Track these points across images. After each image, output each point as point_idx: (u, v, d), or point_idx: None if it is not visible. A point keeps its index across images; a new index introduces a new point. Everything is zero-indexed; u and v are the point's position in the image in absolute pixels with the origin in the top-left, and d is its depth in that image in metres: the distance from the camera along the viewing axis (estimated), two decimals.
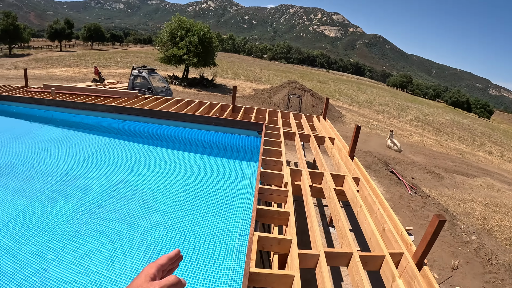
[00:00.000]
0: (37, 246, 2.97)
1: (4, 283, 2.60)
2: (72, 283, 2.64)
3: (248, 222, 3.14)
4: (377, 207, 3.51)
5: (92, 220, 3.34)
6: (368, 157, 11.55)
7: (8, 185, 3.83)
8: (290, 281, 2.52)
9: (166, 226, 3.28)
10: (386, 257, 2.80)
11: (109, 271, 2.76)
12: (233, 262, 2.84)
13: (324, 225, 5.91)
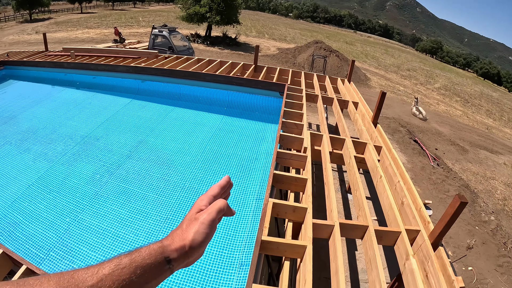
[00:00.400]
0: (57, 208, 3.05)
1: (26, 245, 2.68)
2: (91, 244, 2.71)
3: (264, 186, 3.10)
4: (398, 179, 3.39)
5: (111, 181, 3.38)
6: (391, 123, 11.20)
7: (30, 149, 3.91)
8: (302, 251, 2.50)
9: (184, 187, 3.29)
10: (402, 234, 2.73)
11: (126, 232, 2.81)
12: (249, 226, 2.83)
13: (342, 191, 5.83)
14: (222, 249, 2.66)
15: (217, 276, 2.46)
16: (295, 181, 3.16)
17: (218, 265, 2.54)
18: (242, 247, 2.67)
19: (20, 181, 3.36)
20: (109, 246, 2.69)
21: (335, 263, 2.47)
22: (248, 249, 2.62)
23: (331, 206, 2.95)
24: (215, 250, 2.65)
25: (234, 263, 2.54)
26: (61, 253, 2.60)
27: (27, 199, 3.14)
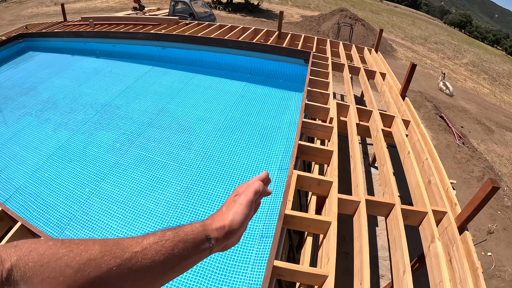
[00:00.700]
0: (78, 177, 3.04)
1: (48, 214, 2.70)
2: (111, 213, 2.70)
3: (288, 156, 2.98)
4: (426, 156, 3.21)
5: (132, 149, 3.34)
6: (417, 97, 10.77)
7: (50, 119, 3.89)
8: (326, 227, 2.40)
9: (205, 156, 3.21)
10: (428, 214, 2.59)
11: (146, 201, 2.78)
12: (270, 197, 2.74)
13: (365, 164, 5.64)
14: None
15: (237, 248, 2.41)
16: (320, 153, 3.02)
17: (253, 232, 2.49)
18: (263, 218, 2.59)
19: (41, 151, 3.37)
20: (129, 215, 2.67)
21: (360, 242, 2.37)
22: (269, 221, 2.55)
23: (357, 180, 2.82)
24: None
25: (255, 234, 2.47)
26: (82, 222, 2.61)
27: (48, 169, 3.14)
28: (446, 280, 2.14)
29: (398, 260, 2.32)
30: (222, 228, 0.64)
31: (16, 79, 5.00)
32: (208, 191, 2.84)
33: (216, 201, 2.75)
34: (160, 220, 2.60)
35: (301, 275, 2.12)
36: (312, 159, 3.13)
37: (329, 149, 2.98)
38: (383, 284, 3.84)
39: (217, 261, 2.33)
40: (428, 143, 3.50)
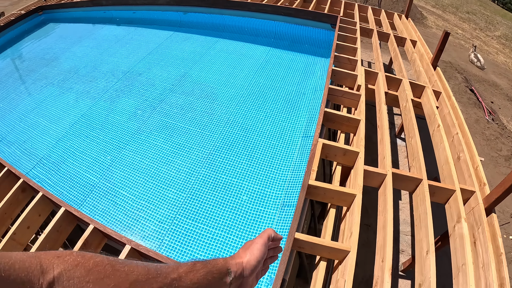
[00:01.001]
0: (100, 145, 3.02)
1: (71, 182, 2.70)
2: (133, 179, 2.66)
3: (313, 124, 2.83)
4: (456, 130, 3.00)
5: (154, 116, 3.28)
6: (447, 68, 10.17)
7: (72, 88, 3.85)
8: (350, 199, 2.27)
9: (228, 122, 3.12)
10: (456, 193, 2.43)
11: (168, 168, 2.72)
12: (293, 165, 2.63)
13: (391, 135, 5.38)
14: (265, 187, 2.51)
15: (259, 214, 2.34)
16: (347, 121, 2.85)
17: (260, 203, 2.41)
18: (285, 186, 2.49)
19: (63, 120, 3.36)
20: (151, 181, 2.63)
21: (384, 217, 2.24)
22: (291, 189, 2.44)
23: (384, 152, 2.65)
24: (258, 187, 2.51)
25: (277, 202, 2.39)
26: (104, 190, 2.60)
27: (70, 138, 3.13)
28: (469, 263, 2.02)
29: (422, 239, 2.20)
30: (240, 263, 0.71)
31: (38, 51, 4.97)
32: (230, 157, 2.76)
33: (238, 168, 2.66)
34: (181, 187, 2.55)
35: (322, 249, 2.02)
36: (338, 128, 2.96)
37: (356, 117, 2.80)
38: (402, 259, 3.73)
39: (239, 229, 2.27)
40: (459, 116, 3.28)
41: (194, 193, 2.50)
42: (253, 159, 2.74)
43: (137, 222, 2.36)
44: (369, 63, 8.48)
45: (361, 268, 3.53)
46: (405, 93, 3.42)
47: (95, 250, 2.28)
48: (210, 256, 2.12)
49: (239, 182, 2.55)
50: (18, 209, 2.60)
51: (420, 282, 2.03)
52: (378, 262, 2.08)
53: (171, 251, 2.17)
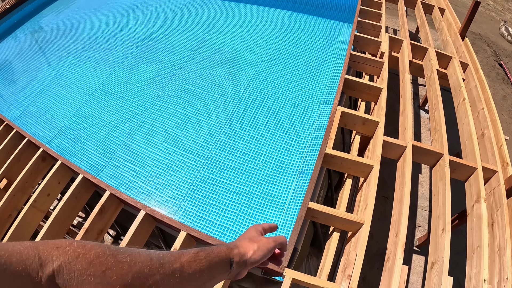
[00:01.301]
0: (120, 112, 3.00)
1: (92, 149, 2.71)
2: (152, 145, 2.65)
3: (334, 91, 2.71)
4: (482, 105, 2.81)
5: (173, 82, 3.22)
6: (476, 40, 9.57)
7: (91, 57, 3.80)
8: (367, 171, 2.18)
9: (248, 88, 3.03)
10: (477, 171, 2.29)
11: (187, 133, 2.70)
12: (313, 133, 2.54)
13: (415, 106, 5.14)
14: (282, 155, 2.44)
15: (276, 182, 2.28)
16: (368, 89, 2.71)
17: (277, 171, 2.34)
18: (304, 154, 2.41)
19: (83, 89, 3.33)
20: (169, 147, 2.61)
21: (401, 191, 2.14)
22: (310, 157, 2.36)
23: (405, 123, 2.51)
24: (275, 154, 2.45)
25: (294, 170, 2.31)
26: (124, 156, 2.60)
27: (90, 106, 3.12)
28: (485, 246, 1.93)
29: (438, 216, 2.11)
30: (243, 255, 0.70)
31: (56, 22, 4.87)
32: (248, 124, 2.70)
33: (256, 134, 2.60)
34: (199, 153, 2.53)
35: (336, 220, 1.96)
36: (359, 96, 2.83)
37: (378, 86, 2.65)
38: (418, 234, 3.64)
39: (255, 196, 2.23)
40: (486, 91, 3.07)
41: (212, 160, 2.47)
42: (271, 126, 2.66)
43: (155, 188, 2.36)
44: (395, 31, 8.05)
45: (376, 240, 3.48)
46: (430, 62, 3.21)
47: (112, 215, 2.31)
48: (226, 223, 2.11)
49: (256, 149, 2.49)
50: (39, 177, 2.66)
51: (433, 260, 1.97)
52: (391, 237, 2.01)
53: (188, 216, 2.16)
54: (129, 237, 2.01)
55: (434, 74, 3.05)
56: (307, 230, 2.58)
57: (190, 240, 2.02)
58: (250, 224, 2.06)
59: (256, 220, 2.10)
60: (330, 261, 1.92)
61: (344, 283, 1.70)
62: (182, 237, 1.95)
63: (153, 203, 2.26)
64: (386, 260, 1.93)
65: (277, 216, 2.09)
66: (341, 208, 2.10)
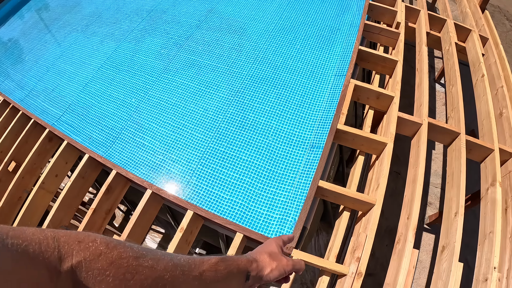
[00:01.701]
0: (127, 86, 2.90)
1: (100, 125, 2.63)
2: (161, 119, 2.57)
3: (346, 63, 2.53)
4: (501, 83, 2.63)
5: (180, 54, 3.07)
6: (495, 13, 9.00)
7: (96, 32, 3.64)
8: (380, 148, 2.06)
9: (257, 58, 2.87)
10: (494, 152, 2.15)
11: (196, 105, 2.59)
12: (324, 105, 2.39)
13: (430, 79, 4.88)
14: (293, 127, 2.31)
15: (286, 155, 2.17)
16: (383, 62, 2.53)
17: (288, 144, 2.23)
18: (315, 127, 2.27)
19: (89, 65, 3.23)
20: (178, 121, 2.52)
21: (415, 170, 2.03)
22: (321, 131, 2.22)
23: (421, 99, 2.35)
24: (285, 127, 2.32)
25: (305, 143, 2.19)
26: (132, 131, 2.52)
27: (97, 82, 3.02)
28: (498, 232, 1.83)
29: (452, 198, 2.00)
30: (261, 270, 0.68)
31: None
32: (259, 95, 2.57)
33: (266, 106, 2.48)
34: (208, 126, 2.43)
35: (346, 199, 1.86)
36: (373, 68, 2.66)
37: (393, 58, 2.47)
38: (429, 212, 3.53)
39: (265, 169, 2.13)
40: (506, 68, 2.85)
41: (221, 132, 2.37)
42: (282, 97, 2.53)
43: (164, 162, 2.28)
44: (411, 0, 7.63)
45: (386, 217, 3.40)
46: (448, 35, 2.99)
47: (119, 194, 2.27)
48: (236, 197, 2.03)
49: (267, 121, 2.38)
50: (47, 158, 2.63)
51: (444, 244, 1.88)
52: (403, 218, 1.91)
53: (197, 191, 2.08)
54: (137, 215, 1.98)
55: (453, 47, 2.84)
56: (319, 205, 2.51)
57: (197, 219, 1.97)
58: (259, 199, 1.98)
59: (265, 195, 2.00)
60: (340, 242, 1.84)
61: (352, 266, 1.62)
62: (189, 216, 1.91)
63: (162, 178, 2.19)
64: (396, 242, 1.84)
65: (287, 191, 1.99)
66: (352, 187, 2.00)
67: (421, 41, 2.81)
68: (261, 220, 1.90)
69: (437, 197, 3.63)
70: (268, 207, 1.94)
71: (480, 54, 2.83)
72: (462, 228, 1.80)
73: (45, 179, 2.31)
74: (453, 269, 1.66)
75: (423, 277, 3.13)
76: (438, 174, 3.80)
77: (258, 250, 0.75)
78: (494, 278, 1.69)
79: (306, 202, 1.79)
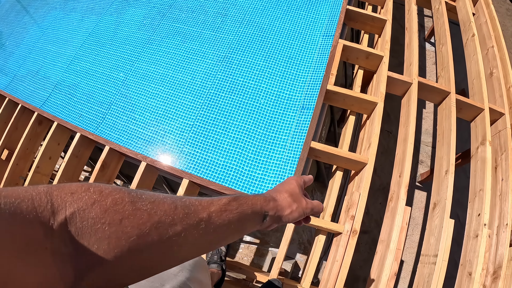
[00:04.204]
0: (112, 60, 2.80)
1: (89, 103, 2.57)
2: (149, 90, 2.52)
3: (334, 22, 2.47)
4: (492, 43, 2.58)
5: (164, 23, 2.96)
6: None
7: (75, 8, 3.46)
8: (371, 108, 2.06)
9: (243, 22, 2.77)
10: (484, 112, 2.16)
11: (183, 75, 2.53)
12: (313, 66, 2.33)
13: (420, 38, 4.79)
14: (283, 89, 2.28)
15: (277, 117, 2.15)
16: (371, 21, 2.47)
17: (278, 106, 2.20)
18: (305, 88, 2.24)
19: (72, 42, 3.10)
20: (167, 91, 2.47)
21: (406, 129, 2.04)
22: (311, 91, 2.19)
23: (411, 58, 2.33)
24: (275, 89, 2.29)
25: (296, 105, 2.16)
26: (122, 105, 2.47)
27: (81, 58, 2.92)
28: (488, 190, 1.87)
29: (442, 157, 2.02)
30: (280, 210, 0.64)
31: None
32: (247, 58, 2.51)
33: (255, 69, 2.42)
34: (198, 92, 2.39)
35: (339, 159, 1.87)
36: (362, 28, 2.60)
37: (382, 17, 2.41)
38: (421, 170, 3.59)
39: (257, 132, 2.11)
40: (497, 28, 2.81)
41: (212, 98, 2.33)
42: (270, 59, 2.47)
43: (156, 133, 2.26)
44: None
45: (379, 175, 3.45)
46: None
47: (114, 169, 2.27)
48: (230, 162, 2.03)
49: (256, 84, 2.33)
50: (38, 142, 2.61)
51: (435, 201, 1.92)
52: (395, 176, 1.94)
53: (192, 158, 2.07)
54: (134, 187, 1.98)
55: (443, 6, 2.77)
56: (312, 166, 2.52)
57: (193, 187, 1.98)
58: (252, 161, 1.99)
59: (258, 158, 2.00)
60: (334, 201, 1.88)
61: (347, 224, 1.66)
62: (185, 185, 1.92)
63: (156, 150, 2.17)
64: (389, 200, 1.88)
65: (280, 153, 1.99)
66: (344, 147, 2.02)
67: (410, 0, 2.73)
68: (256, 183, 1.91)
69: (428, 155, 3.68)
70: (262, 170, 1.94)
71: (470, 13, 2.77)
72: (453, 186, 1.84)
73: (39, 162, 2.30)
74: (445, 225, 1.71)
75: (416, 234, 3.23)
76: (429, 133, 3.83)
77: (277, 188, 0.70)
78: (484, 235, 1.75)
79: (299, 163, 1.81)
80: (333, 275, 1.60)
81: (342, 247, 1.62)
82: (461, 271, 1.84)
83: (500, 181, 2.03)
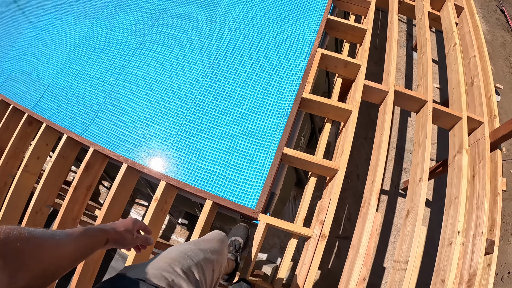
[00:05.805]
0: (103, 64, 2.83)
1: (79, 105, 2.60)
2: (138, 94, 2.54)
3: (314, 32, 2.49)
4: (474, 52, 2.61)
5: (155, 29, 2.99)
6: None
7: (70, 11, 3.49)
8: (346, 115, 2.08)
9: (232, 28, 2.80)
10: (462, 120, 2.17)
11: (171, 79, 2.56)
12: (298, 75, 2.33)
13: (408, 47, 4.81)
14: (268, 96, 2.29)
15: (261, 124, 2.16)
16: (351, 30, 2.51)
17: (262, 113, 2.21)
18: (289, 96, 2.23)
19: (65, 45, 3.12)
20: (155, 96, 2.50)
21: (380, 136, 2.05)
22: (288, 98, 2.20)
23: (389, 67, 2.35)
24: (260, 96, 2.30)
25: (280, 112, 2.16)
26: (111, 108, 2.50)
27: (73, 62, 2.95)
28: (463, 198, 1.87)
29: (417, 164, 2.04)
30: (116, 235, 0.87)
31: None
32: (234, 63, 2.54)
33: (242, 75, 2.45)
34: (185, 97, 2.42)
35: (312, 165, 1.89)
36: (343, 37, 2.64)
37: (362, 27, 2.44)
38: (404, 178, 3.59)
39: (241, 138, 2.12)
40: (480, 37, 2.83)
41: (198, 103, 2.35)
42: (256, 67, 2.49)
43: (143, 137, 2.27)
44: None
45: (362, 182, 3.46)
46: (422, 3, 2.95)
47: (98, 170, 2.32)
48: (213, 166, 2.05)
49: (242, 91, 2.35)
50: (28, 142, 2.64)
51: (409, 208, 1.93)
52: (368, 183, 1.96)
53: (176, 162, 2.09)
54: (114, 188, 2.02)
55: (425, 16, 2.81)
56: (291, 172, 2.53)
57: (170, 188, 2.00)
58: (236, 166, 2.01)
59: (242, 163, 2.01)
60: (307, 206, 1.89)
61: (316, 228, 1.67)
62: (162, 186, 1.94)
63: (142, 153, 2.19)
64: (361, 206, 1.89)
65: (262, 158, 1.99)
66: (319, 153, 2.03)
67: (392, 10, 2.76)
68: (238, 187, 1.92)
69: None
70: (241, 175, 1.96)
71: (453, 23, 2.80)
72: (433, 190, 1.84)
73: (27, 162, 2.34)
74: (416, 232, 1.71)
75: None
76: (414, 141, 3.84)
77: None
78: (458, 242, 1.75)
79: (271, 169, 1.82)
80: (301, 278, 1.61)
81: (311, 251, 1.63)
82: (435, 278, 1.84)
83: (477, 190, 2.03)
